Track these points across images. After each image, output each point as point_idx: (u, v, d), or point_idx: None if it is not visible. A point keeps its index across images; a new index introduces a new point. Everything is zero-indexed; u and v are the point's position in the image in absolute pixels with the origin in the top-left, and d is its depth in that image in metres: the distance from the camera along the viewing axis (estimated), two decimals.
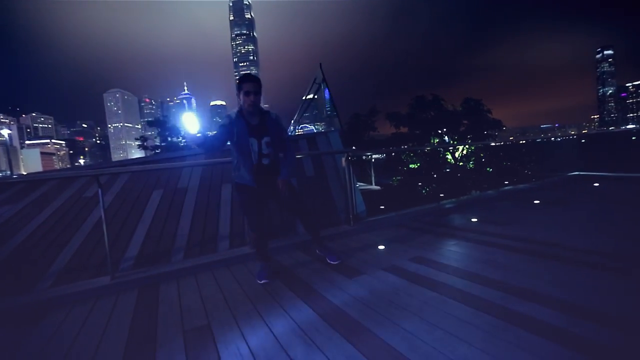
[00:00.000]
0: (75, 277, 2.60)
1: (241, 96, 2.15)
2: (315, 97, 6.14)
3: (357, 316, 1.71)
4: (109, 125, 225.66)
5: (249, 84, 2.12)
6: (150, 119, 20.78)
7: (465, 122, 16.54)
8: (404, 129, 17.21)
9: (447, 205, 4.27)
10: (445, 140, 16.16)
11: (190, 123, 1.96)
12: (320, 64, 4.50)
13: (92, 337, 1.76)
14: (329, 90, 4.28)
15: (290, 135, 6.54)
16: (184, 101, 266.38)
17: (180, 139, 20.89)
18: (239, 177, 2.25)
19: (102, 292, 2.34)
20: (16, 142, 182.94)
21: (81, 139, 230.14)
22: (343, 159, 3.59)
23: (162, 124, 19.87)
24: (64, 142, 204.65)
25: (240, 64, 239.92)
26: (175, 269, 2.60)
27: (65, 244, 3.07)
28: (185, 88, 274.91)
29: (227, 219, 3.53)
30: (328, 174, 4.29)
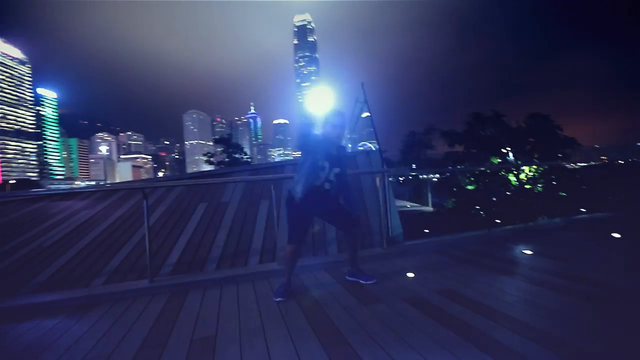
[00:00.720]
0: (122, 278, 2.94)
1: (329, 126, 2.37)
2: (362, 116, 6.17)
3: (356, 345, 1.61)
4: (186, 143, 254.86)
5: (339, 118, 2.38)
6: (216, 137, 22.92)
7: (532, 140, 14.66)
8: (459, 148, 16.01)
9: (501, 233, 3.84)
10: (509, 159, 14.54)
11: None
12: (362, 83, 4.54)
13: (118, 334, 1.95)
14: (369, 110, 4.26)
15: None
16: (250, 120, 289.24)
17: (243, 156, 22.60)
18: (296, 190, 2.28)
19: (139, 294, 2.60)
20: (114, 157, 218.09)
21: (164, 154, 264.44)
22: (378, 179, 3.50)
23: (227, 142, 21.74)
24: (150, 157, 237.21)
25: (302, 85, 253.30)
26: (205, 279, 2.77)
27: (122, 246, 3.50)
28: (252, 108, 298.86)
29: (260, 234, 3.67)
30: (366, 194, 4.21)
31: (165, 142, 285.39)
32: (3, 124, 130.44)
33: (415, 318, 1.90)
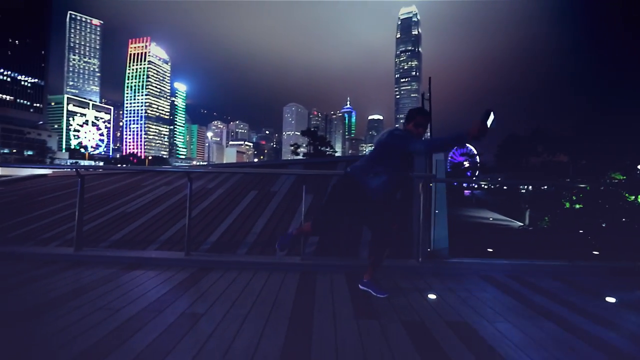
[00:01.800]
0: (170, 247, 3.41)
1: (413, 126, 2.29)
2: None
3: (312, 354, 1.51)
4: (284, 133, 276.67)
5: (426, 118, 2.33)
6: (303, 129, 24.18)
7: None
8: (562, 157, 12.84)
9: (587, 267, 3.04)
10: None
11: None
12: (430, 78, 4.07)
13: (154, 285, 2.29)
14: (430, 107, 3.80)
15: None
16: (346, 115, 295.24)
17: (328, 149, 23.36)
18: (367, 179, 2.25)
19: (173, 264, 2.98)
20: (223, 142, 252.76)
21: (263, 142, 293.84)
22: (420, 185, 3.16)
23: (314, 134, 22.75)
24: (251, 144, 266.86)
25: (401, 80, 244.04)
26: (231, 260, 3.01)
27: (178, 221, 4.05)
28: (348, 102, 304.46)
29: (297, 226, 3.75)
30: (423, 201, 3.86)
31: (266, 132, 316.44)
32: (149, 111, 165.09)
33: (401, 345, 1.67)
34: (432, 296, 2.38)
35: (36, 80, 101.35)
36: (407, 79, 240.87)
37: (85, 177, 3.30)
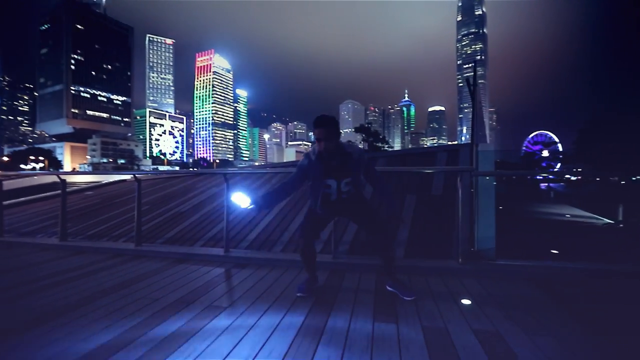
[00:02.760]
0: (213, 245, 3.70)
1: (316, 142, 2.16)
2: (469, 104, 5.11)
3: (319, 349, 1.51)
4: (341, 131, 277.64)
5: (318, 131, 2.11)
6: (356, 126, 24.00)
7: None
8: None
9: None
10: None
11: (239, 201, 2.07)
12: (475, 61, 3.68)
13: (194, 276, 2.55)
14: (471, 94, 3.41)
15: (418, 149, 5.78)
16: (404, 108, 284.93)
17: (385, 145, 22.85)
18: (313, 204, 2.28)
19: (213, 259, 3.24)
20: (283, 143, 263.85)
21: None
22: (458, 179, 2.92)
23: (367, 130, 22.46)
24: (310, 144, 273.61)
25: (464, 66, 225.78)
26: (261, 257, 3.16)
27: (222, 220, 4.37)
28: (406, 95, 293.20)
29: (329, 226, 3.77)
30: (460, 195, 3.57)
31: None
32: (215, 118, 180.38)
33: (413, 352, 1.58)
34: (466, 301, 2.19)
35: (125, 98, 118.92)
36: (470, 65, 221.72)
37: (141, 182, 3.77)
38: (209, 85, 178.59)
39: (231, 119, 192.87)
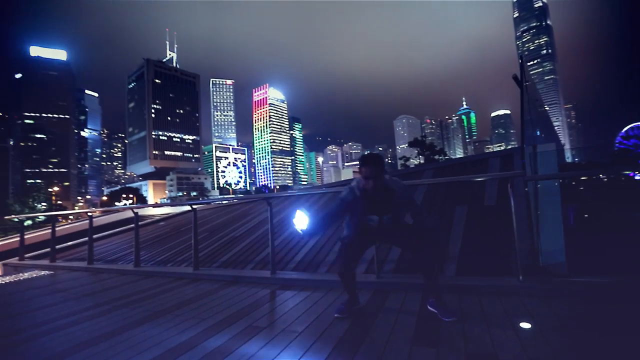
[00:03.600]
0: (262, 267, 3.86)
1: (363, 179, 2.16)
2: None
3: None
4: (397, 147, 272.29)
5: (366, 170, 2.12)
6: (411, 140, 23.34)
7: None
8: None
9: None
10: None
11: (299, 221, 2.21)
12: (522, 57, 3.38)
13: (244, 297, 2.71)
14: (522, 92, 3.07)
15: (469, 157, 5.31)
16: (463, 116, 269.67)
17: (442, 157, 21.81)
18: (350, 233, 2.32)
19: (260, 281, 3.38)
20: (339, 164, 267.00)
21: None
22: (508, 186, 2.67)
23: (421, 144, 21.69)
24: None
25: (527, 64, 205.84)
26: (305, 279, 3.20)
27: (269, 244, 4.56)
28: (464, 103, 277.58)
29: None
30: (515, 205, 3.24)
31: (379, 148, 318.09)
32: (273, 147, 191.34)
33: None
34: (525, 324, 1.93)
35: (194, 137, 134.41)
36: (536, 61, 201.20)
37: (200, 211, 4.16)
38: (266, 116, 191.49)
39: (288, 146, 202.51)
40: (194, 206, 4.17)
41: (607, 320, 1.93)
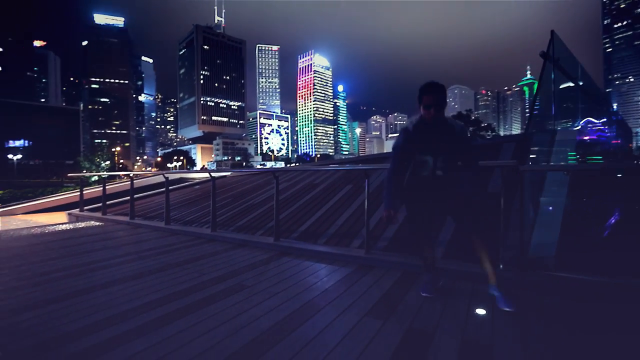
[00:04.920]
0: (269, 234, 4.24)
1: (422, 109, 2.07)
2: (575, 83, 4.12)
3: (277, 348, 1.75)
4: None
5: (429, 97, 2.03)
6: (453, 113, 21.96)
7: None
8: None
9: None
10: None
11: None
12: (552, 31, 3.06)
13: (247, 256, 3.12)
14: (542, 73, 2.81)
15: (480, 141, 4.95)
16: (525, 87, 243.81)
17: (491, 133, 20.41)
18: (408, 185, 2.22)
19: (266, 247, 3.75)
20: (383, 136, 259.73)
21: None
22: (501, 174, 2.64)
23: (466, 118, 20.40)
24: None
25: (614, 26, 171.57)
26: (302, 248, 3.50)
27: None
28: (528, 72, 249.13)
29: (375, 220, 3.84)
30: (503, 193, 3.16)
31: None
32: (316, 115, 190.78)
33: (381, 350, 1.66)
34: (480, 311, 2.04)
35: (240, 103, 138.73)
36: (625, 22, 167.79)
37: (225, 178, 4.58)
38: (310, 84, 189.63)
39: (331, 115, 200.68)
40: (213, 174, 4.60)
41: (558, 317, 1.97)
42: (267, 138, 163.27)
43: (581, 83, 3.72)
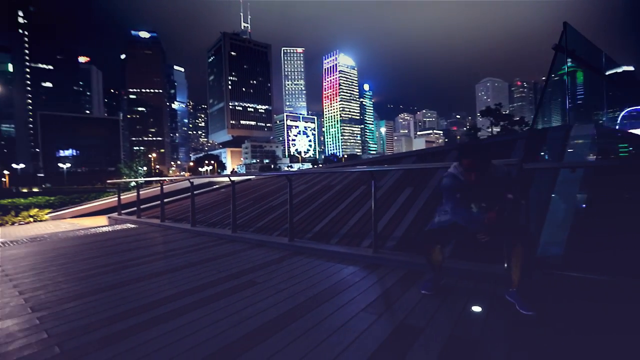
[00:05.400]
0: (285, 235, 4.46)
1: (464, 167, 2.04)
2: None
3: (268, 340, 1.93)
4: (478, 114, 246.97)
5: (468, 162, 1.95)
6: (482, 109, 21.21)
7: None
8: None
9: None
10: None
11: None
12: (565, 23, 2.97)
13: (262, 254, 3.37)
14: (551, 67, 2.72)
15: (491, 138, 4.77)
16: (565, 77, 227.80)
17: (521, 127, 19.51)
18: (435, 221, 2.29)
19: (281, 247, 3.97)
20: (411, 133, 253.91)
21: (454, 128, 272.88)
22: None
23: (494, 112, 19.63)
24: (441, 132, 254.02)
25: None
26: (314, 248, 3.68)
27: (299, 214, 5.10)
28: (569, 60, 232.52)
29: (385, 221, 3.93)
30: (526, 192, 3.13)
31: (457, 117, 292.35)
32: (342, 115, 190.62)
33: (368, 343, 1.80)
34: (476, 308, 2.11)
35: (267, 106, 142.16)
36: None
37: (235, 183, 4.88)
38: (336, 84, 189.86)
39: (357, 114, 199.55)
40: (232, 178, 4.90)
41: (561, 319, 2.00)
42: (294, 140, 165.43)
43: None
